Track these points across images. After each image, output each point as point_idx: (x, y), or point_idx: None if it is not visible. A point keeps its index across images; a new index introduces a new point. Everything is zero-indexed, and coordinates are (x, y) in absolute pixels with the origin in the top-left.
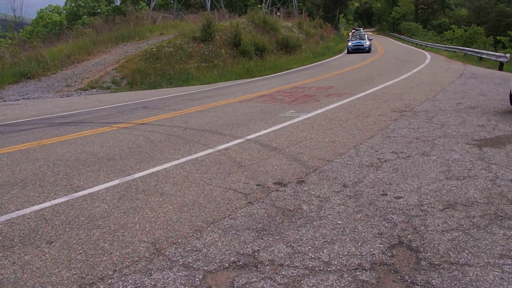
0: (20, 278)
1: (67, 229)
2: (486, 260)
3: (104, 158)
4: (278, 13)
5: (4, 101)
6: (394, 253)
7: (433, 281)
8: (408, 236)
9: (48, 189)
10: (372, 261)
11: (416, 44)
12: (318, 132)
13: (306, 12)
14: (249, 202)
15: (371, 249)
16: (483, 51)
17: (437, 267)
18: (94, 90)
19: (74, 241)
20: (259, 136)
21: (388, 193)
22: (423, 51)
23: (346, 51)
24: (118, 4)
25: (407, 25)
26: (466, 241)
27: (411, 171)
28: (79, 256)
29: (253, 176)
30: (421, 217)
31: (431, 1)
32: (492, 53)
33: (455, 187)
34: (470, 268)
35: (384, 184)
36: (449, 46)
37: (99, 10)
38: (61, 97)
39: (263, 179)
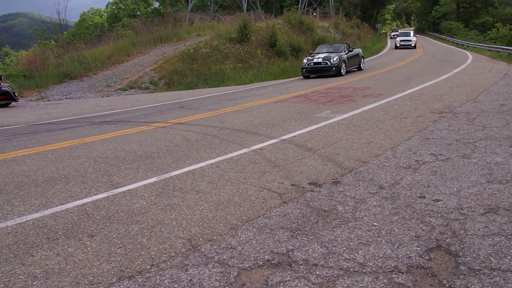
0: (63, 269)
1: (107, 224)
2: None
3: (143, 156)
4: (314, 14)
5: (49, 100)
6: (432, 256)
7: (472, 286)
8: (447, 240)
9: (89, 185)
10: (409, 264)
11: (457, 43)
12: (354, 133)
13: (343, 12)
14: (284, 201)
15: (408, 252)
16: None
17: (477, 272)
18: (133, 90)
19: (114, 235)
20: (294, 136)
21: (426, 196)
22: (464, 51)
23: (384, 51)
24: (157, 6)
25: (447, 25)
26: (509, 246)
27: (450, 173)
28: (119, 250)
29: (288, 176)
30: (461, 221)
31: None
32: None
33: (497, 191)
34: None
35: (422, 186)
36: (492, 46)
37: (138, 12)
38: (102, 97)
39: (297, 179)
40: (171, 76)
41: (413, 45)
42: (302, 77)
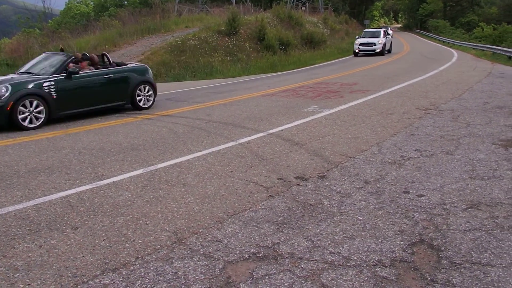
0: (46, 261)
1: (92, 216)
2: (509, 261)
3: (128, 148)
4: (303, 8)
5: None
6: (415, 250)
7: (453, 280)
8: (430, 235)
9: (73, 176)
10: (392, 258)
11: (443, 41)
12: (341, 128)
13: (332, 8)
14: (270, 195)
15: (392, 246)
16: None
17: (458, 266)
18: None
19: (98, 228)
20: (282, 130)
21: (410, 191)
22: (450, 49)
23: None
24: None
25: (434, 23)
26: (489, 241)
27: (434, 169)
28: (103, 242)
29: (275, 170)
30: (443, 216)
31: None
32: None
33: (479, 187)
34: (492, 269)
35: (407, 181)
36: (477, 45)
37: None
38: None
39: (284, 173)
40: (159, 67)
41: (378, 50)
42: (289, 71)
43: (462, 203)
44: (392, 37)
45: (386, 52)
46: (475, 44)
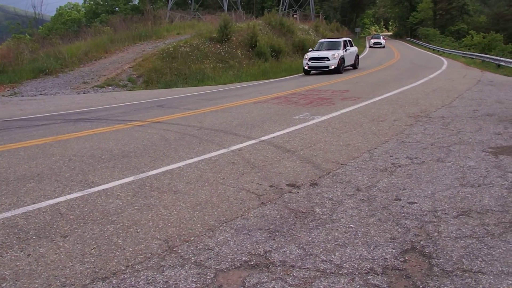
0: (34, 270)
1: (82, 224)
2: (500, 269)
3: (119, 155)
4: (295, 16)
5: (22, 96)
6: (407, 258)
7: (445, 287)
8: (421, 242)
9: (63, 183)
10: (384, 266)
11: (433, 49)
12: (333, 135)
13: (323, 15)
14: (262, 203)
15: (383, 254)
16: (501, 58)
17: (449, 274)
18: (110, 87)
19: (88, 236)
20: (273, 137)
21: (402, 198)
22: (440, 57)
23: (362, 55)
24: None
25: (424, 31)
26: (480, 248)
27: (425, 177)
28: (93, 250)
29: (266, 177)
30: (435, 223)
31: (449, 7)
32: (510, 60)
33: (469, 194)
34: (483, 276)
35: (398, 189)
36: (467, 53)
37: (117, 8)
38: (78, 93)
39: (276, 180)
40: (150, 74)
41: (332, 67)
42: (281, 78)
43: (453, 210)
44: (384, 46)
45: (350, 67)
46: (464, 52)
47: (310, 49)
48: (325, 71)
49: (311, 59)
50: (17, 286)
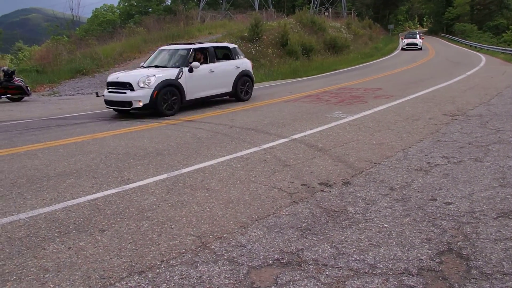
0: (75, 262)
1: (118, 219)
2: None
3: (153, 153)
4: (326, 13)
5: (61, 95)
6: (443, 259)
7: None
8: (458, 243)
9: (100, 180)
10: (419, 267)
11: (471, 46)
12: (365, 134)
13: (355, 12)
14: (294, 201)
15: (419, 254)
16: None
17: (489, 276)
18: None
19: (124, 231)
20: (305, 136)
21: (438, 199)
22: (477, 53)
23: (396, 52)
24: (169, 3)
25: (461, 26)
26: None
27: (462, 176)
28: (129, 245)
29: (298, 176)
30: (473, 225)
31: (488, 1)
32: None
33: (510, 195)
34: None
35: (434, 189)
36: (507, 49)
37: (150, 9)
38: None
39: (308, 179)
40: None
41: (419, 47)
42: (312, 77)
43: (492, 211)
44: (421, 48)
45: (222, 97)
46: (504, 48)
47: (142, 63)
48: (129, 111)
49: (109, 85)
50: (59, 277)
